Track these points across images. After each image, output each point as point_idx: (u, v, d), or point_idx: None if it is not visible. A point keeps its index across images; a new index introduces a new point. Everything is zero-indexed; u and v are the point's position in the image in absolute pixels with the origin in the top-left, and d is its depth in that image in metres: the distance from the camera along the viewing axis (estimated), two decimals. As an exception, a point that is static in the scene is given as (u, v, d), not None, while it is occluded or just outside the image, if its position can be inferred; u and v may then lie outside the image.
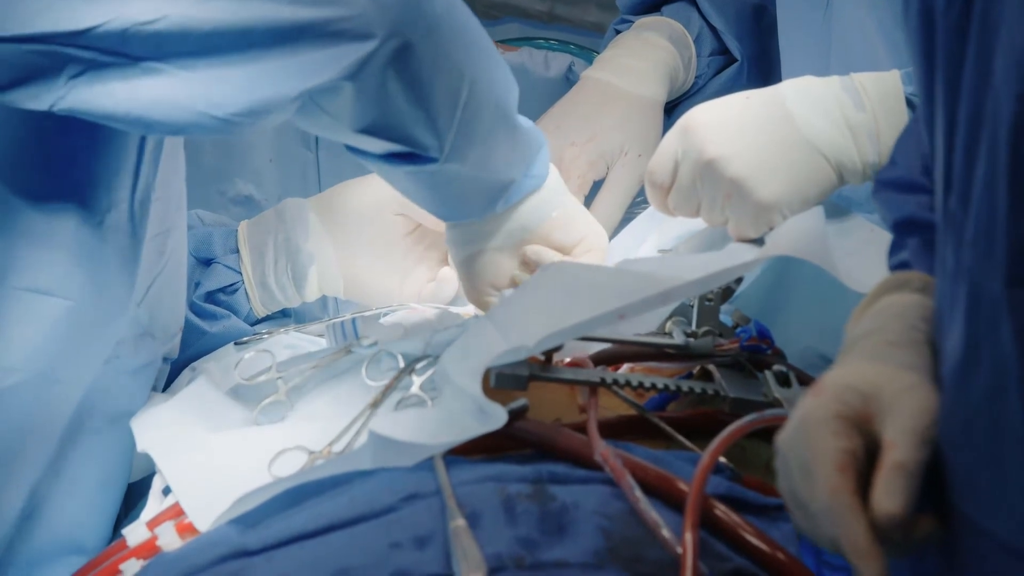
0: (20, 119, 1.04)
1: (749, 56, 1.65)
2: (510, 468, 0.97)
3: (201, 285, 1.40)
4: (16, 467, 1.11)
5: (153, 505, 1.11)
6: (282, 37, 0.98)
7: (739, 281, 1.27)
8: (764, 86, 1.25)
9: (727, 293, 1.24)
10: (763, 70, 1.63)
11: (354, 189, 1.43)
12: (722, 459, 1.00)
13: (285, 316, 1.49)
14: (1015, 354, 0.64)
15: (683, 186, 1.25)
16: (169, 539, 1.01)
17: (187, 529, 1.02)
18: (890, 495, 0.67)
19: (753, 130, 1.20)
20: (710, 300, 1.20)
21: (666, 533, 0.89)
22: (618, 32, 1.67)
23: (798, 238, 1.16)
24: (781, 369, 1.11)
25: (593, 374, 1.07)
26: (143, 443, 1.15)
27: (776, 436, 0.77)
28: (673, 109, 1.62)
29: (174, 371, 1.33)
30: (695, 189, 1.24)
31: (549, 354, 1.06)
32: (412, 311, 1.38)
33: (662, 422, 1.07)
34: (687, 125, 1.23)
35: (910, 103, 1.19)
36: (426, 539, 0.89)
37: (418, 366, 1.16)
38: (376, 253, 1.41)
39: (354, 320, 1.33)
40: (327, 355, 1.24)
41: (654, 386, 1.07)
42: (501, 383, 1.02)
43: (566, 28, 2.00)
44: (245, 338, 1.38)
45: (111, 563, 1.04)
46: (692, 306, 1.20)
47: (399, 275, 1.42)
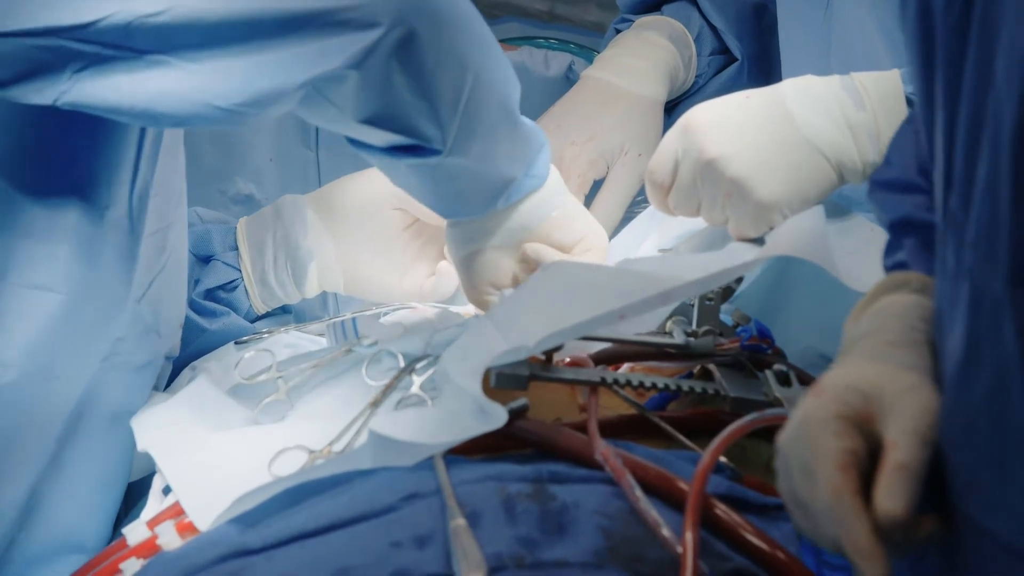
0: (21, 116, 1.04)
1: (749, 55, 1.65)
2: (510, 467, 0.97)
3: (200, 282, 1.40)
4: (15, 464, 1.11)
5: (153, 504, 1.11)
6: (288, 27, 0.98)
7: (739, 280, 1.27)
8: (764, 85, 1.25)
9: (727, 292, 1.24)
10: (763, 69, 1.63)
11: (351, 184, 1.42)
12: (722, 458, 1.00)
13: (285, 312, 1.49)
14: (1017, 354, 0.63)
15: (683, 185, 1.25)
16: (169, 538, 1.01)
17: (187, 528, 1.02)
18: (892, 495, 0.67)
19: (753, 129, 1.20)
20: (710, 299, 1.20)
21: (666, 532, 0.89)
22: (618, 31, 1.67)
23: (798, 238, 1.16)
24: (782, 368, 1.11)
25: (593, 373, 1.07)
26: (143, 442, 1.15)
27: (777, 436, 0.77)
28: (673, 108, 1.62)
29: (175, 370, 1.33)
30: (695, 188, 1.24)
31: (549, 354, 1.06)
32: (412, 311, 1.38)
33: (662, 422, 1.07)
34: (687, 124, 1.23)
35: (910, 102, 1.19)
36: (426, 538, 0.89)
37: (418, 366, 1.16)
38: (375, 248, 1.41)
39: (354, 319, 1.33)
40: (327, 354, 1.24)
41: (654, 385, 1.07)
42: (501, 383, 1.02)
43: (566, 27, 2.00)
44: (245, 337, 1.38)
45: (111, 562, 1.04)
46: (692, 305, 1.20)
47: (399, 270, 1.42)
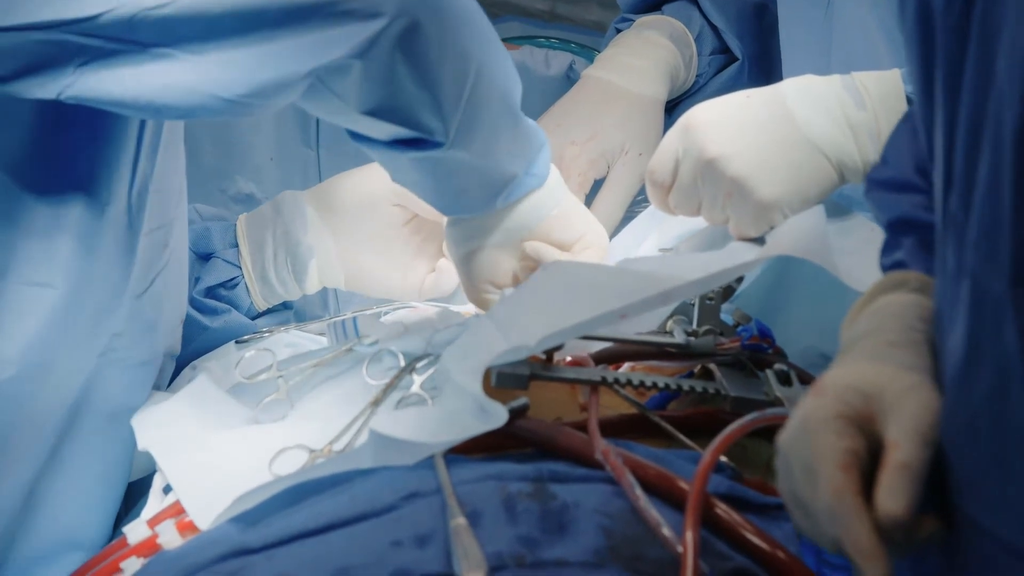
0: (22, 113, 1.04)
1: (750, 55, 1.65)
2: (511, 467, 0.97)
3: (201, 280, 1.40)
4: (13, 460, 1.11)
5: (154, 503, 1.11)
6: (291, 17, 0.98)
7: (740, 280, 1.27)
8: (765, 85, 1.25)
9: (728, 292, 1.24)
10: (764, 69, 1.63)
11: (350, 180, 1.42)
12: (723, 458, 1.00)
13: (286, 308, 1.49)
14: (1019, 354, 0.63)
15: (684, 185, 1.25)
16: (170, 537, 1.01)
17: (188, 527, 1.02)
18: (894, 495, 0.67)
19: (754, 129, 1.20)
20: (711, 299, 1.20)
21: (667, 532, 0.89)
22: (619, 31, 1.67)
23: (799, 237, 1.16)
24: (782, 368, 1.11)
25: (594, 373, 1.07)
26: (144, 441, 1.15)
27: (777, 436, 0.77)
28: (674, 108, 1.62)
29: (176, 368, 1.33)
30: (696, 188, 1.24)
31: (550, 353, 1.06)
32: (413, 310, 1.38)
33: (663, 421, 1.07)
34: (688, 124, 1.23)
35: (911, 102, 1.19)
36: (427, 538, 0.89)
37: (419, 365, 1.16)
38: (375, 244, 1.41)
39: (355, 319, 1.33)
40: (328, 354, 1.24)
41: (655, 385, 1.07)
42: (502, 382, 1.02)
43: (567, 26, 2.00)
44: (246, 336, 1.38)
45: (112, 561, 1.04)
46: (693, 305, 1.20)
47: (399, 266, 1.42)
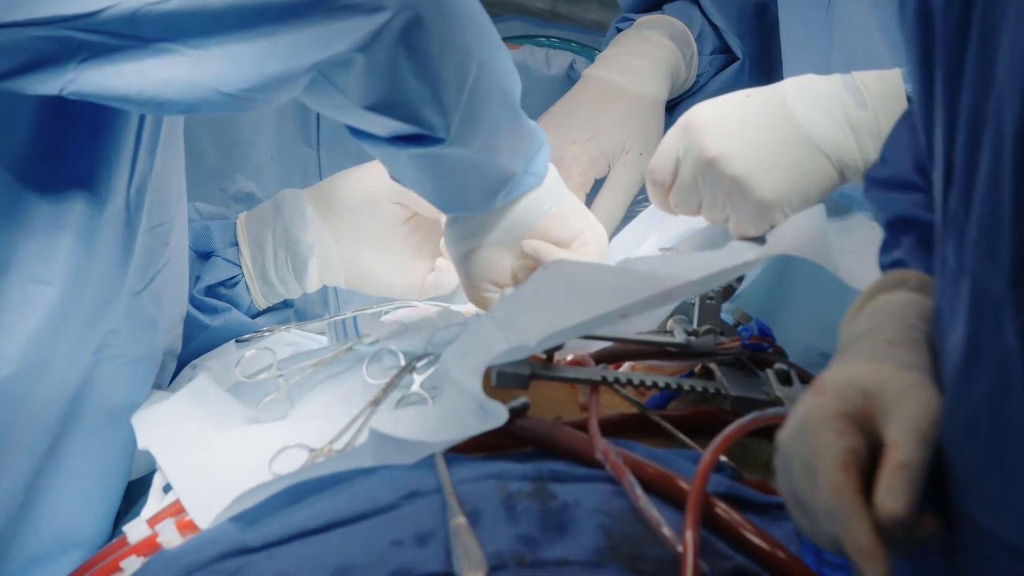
0: (24, 112, 1.04)
1: (751, 54, 1.64)
2: (511, 466, 0.97)
3: (201, 279, 1.40)
4: (11, 457, 1.11)
5: (154, 502, 1.11)
6: (294, 11, 0.98)
7: (740, 279, 1.27)
8: (765, 84, 1.25)
9: (728, 291, 1.24)
10: (765, 68, 1.63)
11: (350, 179, 1.42)
12: (723, 457, 1.00)
13: (287, 307, 1.49)
14: (1019, 354, 0.63)
15: (684, 184, 1.25)
16: (170, 536, 1.01)
17: (188, 526, 1.02)
18: (894, 494, 0.67)
19: (754, 128, 1.20)
20: (711, 298, 1.20)
21: (667, 531, 0.89)
22: (619, 30, 1.67)
23: (799, 237, 1.16)
24: (782, 367, 1.11)
25: (594, 372, 1.07)
26: (144, 440, 1.15)
27: (776, 434, 0.77)
28: (675, 107, 1.62)
29: (177, 367, 1.33)
30: (696, 187, 1.24)
31: (550, 352, 1.06)
32: (413, 309, 1.38)
33: (663, 420, 1.07)
34: (688, 123, 1.23)
35: (911, 101, 1.19)
36: (427, 537, 0.89)
37: (419, 364, 1.16)
38: (375, 242, 1.41)
39: (355, 318, 1.33)
40: (328, 353, 1.24)
41: (655, 384, 1.07)
42: (502, 382, 1.02)
43: (567, 26, 2.00)
44: (246, 335, 1.38)
45: (112, 560, 1.04)
46: (693, 304, 1.20)
47: (399, 265, 1.42)
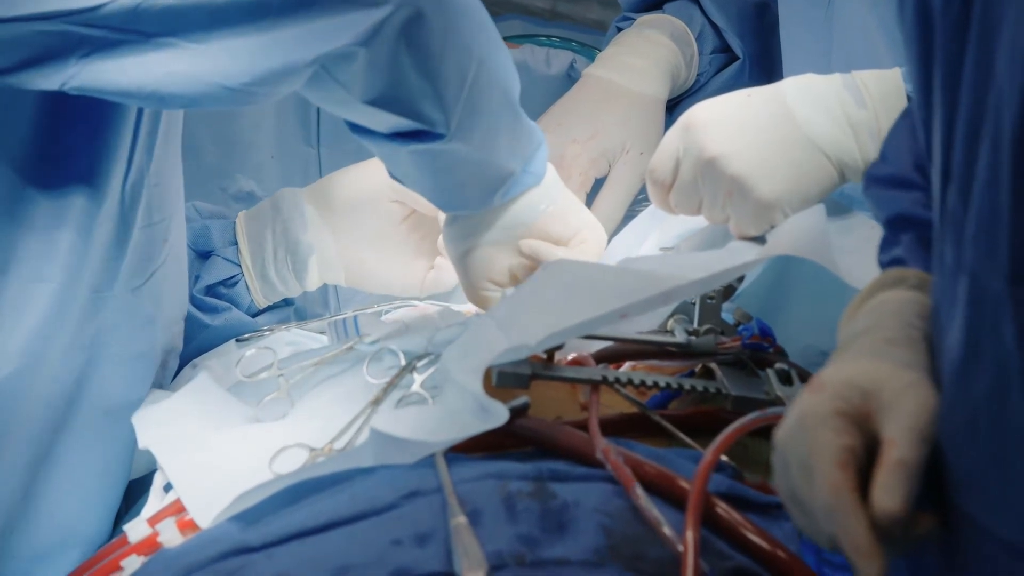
0: (25, 109, 1.04)
1: (751, 54, 1.64)
2: (511, 466, 0.96)
3: (201, 278, 1.40)
4: (9, 456, 1.11)
5: (154, 501, 1.11)
6: (296, 5, 0.98)
7: (741, 279, 1.27)
8: (766, 84, 1.25)
9: (729, 291, 1.24)
10: (765, 68, 1.63)
11: (348, 177, 1.42)
12: (724, 457, 1.00)
13: (287, 305, 1.49)
14: (1017, 352, 0.63)
15: (684, 184, 1.25)
16: (170, 535, 1.01)
17: (188, 526, 1.02)
18: (890, 493, 0.67)
19: (754, 128, 1.20)
20: (712, 298, 1.20)
21: (667, 531, 0.89)
22: (620, 30, 1.67)
23: (799, 236, 1.16)
24: (783, 367, 1.11)
25: (595, 372, 1.07)
26: (144, 440, 1.15)
27: (774, 432, 0.77)
28: (675, 107, 1.62)
29: (178, 366, 1.33)
30: (696, 187, 1.24)
31: (551, 352, 1.06)
32: (414, 308, 1.38)
33: (664, 420, 1.07)
34: (688, 123, 1.23)
35: (911, 100, 1.19)
36: (427, 536, 0.89)
37: (419, 364, 1.16)
38: (374, 240, 1.41)
39: (356, 317, 1.33)
40: (328, 352, 1.24)
41: (656, 384, 1.07)
42: (503, 381, 1.02)
43: (568, 25, 2.00)
44: (247, 335, 1.38)
45: (112, 559, 1.04)
46: (694, 304, 1.20)
47: (399, 263, 1.42)
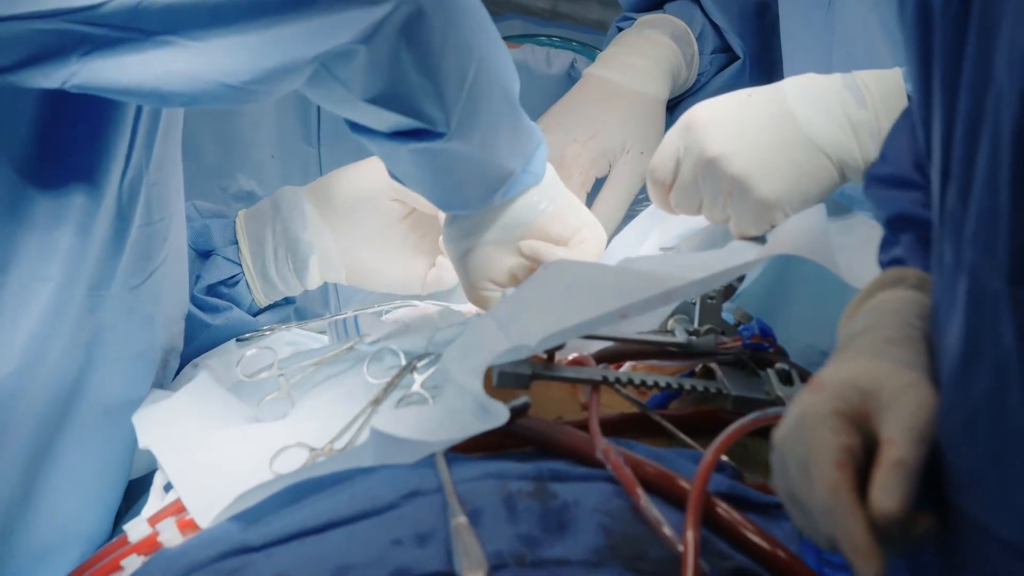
0: (26, 107, 1.04)
1: (751, 54, 1.64)
2: (511, 465, 0.97)
3: (201, 278, 1.40)
4: (9, 454, 1.11)
5: (154, 501, 1.11)
6: (296, 3, 0.98)
7: (741, 279, 1.27)
8: (766, 84, 1.25)
9: (729, 291, 1.24)
10: (765, 68, 1.63)
11: (348, 176, 1.43)
12: (724, 457, 1.00)
13: (288, 303, 1.49)
14: (1017, 351, 0.63)
15: (685, 184, 1.25)
16: (170, 535, 1.01)
17: (188, 525, 1.02)
18: (889, 493, 0.67)
19: (754, 128, 1.20)
20: (712, 298, 1.20)
21: (667, 531, 0.89)
22: (620, 29, 1.67)
23: (800, 236, 1.16)
24: (783, 367, 1.11)
25: (595, 372, 1.07)
26: (145, 439, 1.15)
27: (772, 432, 0.77)
28: (675, 107, 1.62)
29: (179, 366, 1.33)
30: (697, 187, 1.24)
31: (551, 352, 1.06)
32: (414, 308, 1.38)
33: (664, 420, 1.07)
34: (689, 122, 1.23)
35: (911, 99, 1.19)
36: (427, 536, 0.89)
37: (420, 364, 1.16)
38: (374, 239, 1.41)
39: (356, 317, 1.33)
40: (329, 352, 1.24)
41: (656, 384, 1.07)
42: (503, 382, 1.02)
43: (568, 25, 2.00)
44: (247, 334, 1.38)
45: (112, 559, 1.04)
46: (694, 304, 1.20)
47: (399, 260, 1.42)
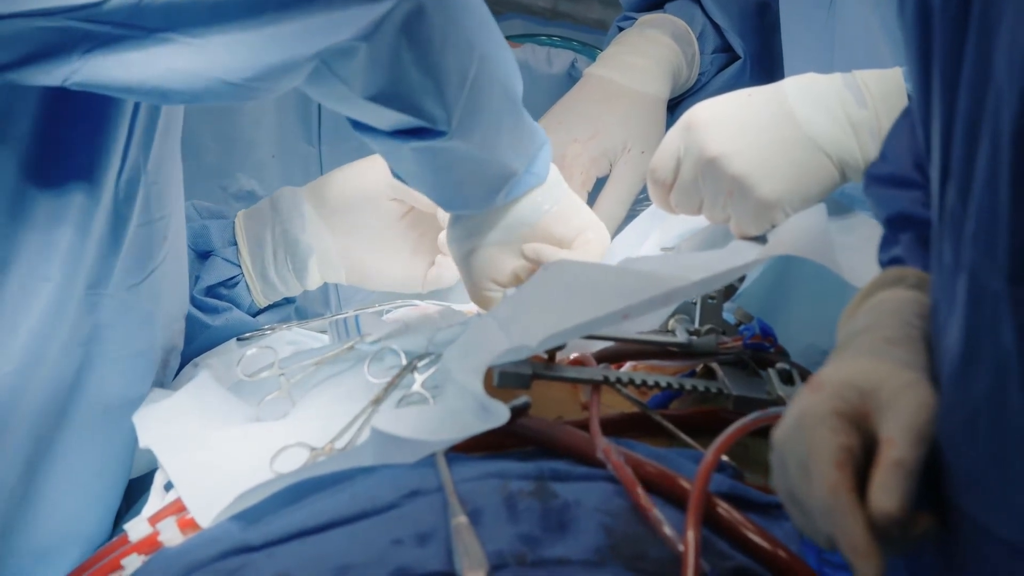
0: (27, 106, 1.04)
1: (752, 53, 1.64)
2: (512, 465, 0.97)
3: (201, 279, 1.40)
4: (8, 453, 1.11)
5: (155, 501, 1.11)
6: (297, 0, 0.98)
7: (742, 279, 1.27)
8: (767, 83, 1.25)
9: (730, 291, 1.24)
10: (766, 67, 1.63)
11: (345, 175, 1.43)
12: (725, 457, 1.00)
13: (288, 303, 1.49)
14: (1016, 351, 0.63)
15: (685, 183, 1.25)
16: (171, 535, 1.01)
17: (189, 525, 1.02)
18: (888, 493, 0.67)
19: (755, 127, 1.20)
20: (713, 298, 1.20)
21: (668, 531, 0.89)
22: (621, 29, 1.67)
23: (800, 236, 1.16)
24: (784, 367, 1.11)
25: (596, 372, 1.07)
26: (145, 439, 1.15)
27: (772, 432, 0.77)
28: (676, 106, 1.62)
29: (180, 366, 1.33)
30: (697, 186, 1.24)
31: (552, 352, 1.06)
32: (415, 308, 1.38)
33: (665, 420, 1.07)
34: (689, 122, 1.23)
35: (911, 98, 1.19)
36: (428, 536, 0.89)
37: (420, 364, 1.16)
38: (374, 238, 1.41)
39: (357, 317, 1.33)
40: (329, 352, 1.24)
41: (657, 384, 1.07)
42: (504, 382, 1.02)
43: (569, 25, 2.00)
44: (248, 334, 1.38)
45: (113, 558, 1.04)
46: (695, 304, 1.20)
47: (399, 259, 1.43)
